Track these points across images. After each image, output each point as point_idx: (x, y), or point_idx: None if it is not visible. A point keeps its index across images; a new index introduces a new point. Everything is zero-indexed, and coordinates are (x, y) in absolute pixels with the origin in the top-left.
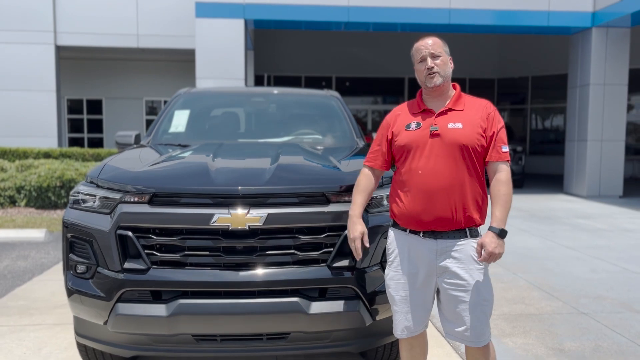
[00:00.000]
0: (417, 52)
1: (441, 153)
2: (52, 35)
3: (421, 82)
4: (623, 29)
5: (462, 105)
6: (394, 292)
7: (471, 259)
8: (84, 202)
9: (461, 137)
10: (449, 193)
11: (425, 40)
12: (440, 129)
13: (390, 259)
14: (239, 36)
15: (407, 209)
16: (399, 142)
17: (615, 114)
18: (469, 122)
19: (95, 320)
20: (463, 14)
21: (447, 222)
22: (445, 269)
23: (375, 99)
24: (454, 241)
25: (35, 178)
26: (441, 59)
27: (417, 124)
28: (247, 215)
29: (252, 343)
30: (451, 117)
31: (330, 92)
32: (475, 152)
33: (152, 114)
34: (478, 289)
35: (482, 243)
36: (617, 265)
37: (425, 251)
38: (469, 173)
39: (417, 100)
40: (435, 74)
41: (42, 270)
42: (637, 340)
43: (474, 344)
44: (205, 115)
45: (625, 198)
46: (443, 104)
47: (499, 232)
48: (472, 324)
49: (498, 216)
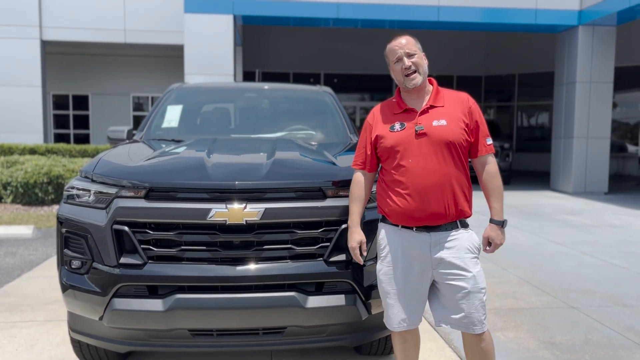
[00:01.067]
0: (392, 52)
1: (429, 151)
2: (37, 29)
3: (400, 83)
4: (609, 27)
5: (442, 101)
6: (388, 286)
7: (465, 249)
8: (79, 197)
9: (447, 133)
10: (440, 189)
11: (398, 40)
12: (426, 127)
13: (383, 254)
14: (228, 32)
15: (399, 207)
16: (384, 144)
17: (601, 111)
18: (452, 117)
19: (90, 315)
20: (452, 11)
21: (440, 217)
22: (441, 260)
23: (363, 96)
24: (447, 233)
25: (21, 174)
26: (417, 56)
27: (401, 124)
28: (244, 210)
29: (248, 338)
30: (434, 114)
31: (323, 88)
32: (460, 147)
33: (139, 110)
34: (474, 277)
35: (488, 237)
36: (605, 260)
37: (419, 244)
38: (456, 167)
39: (396, 100)
40: (414, 74)
41: (31, 267)
42: (626, 334)
43: (473, 330)
44: (198, 111)
45: (611, 194)
46: (422, 100)
47: (502, 224)
48: (469, 311)
49: (497, 208)
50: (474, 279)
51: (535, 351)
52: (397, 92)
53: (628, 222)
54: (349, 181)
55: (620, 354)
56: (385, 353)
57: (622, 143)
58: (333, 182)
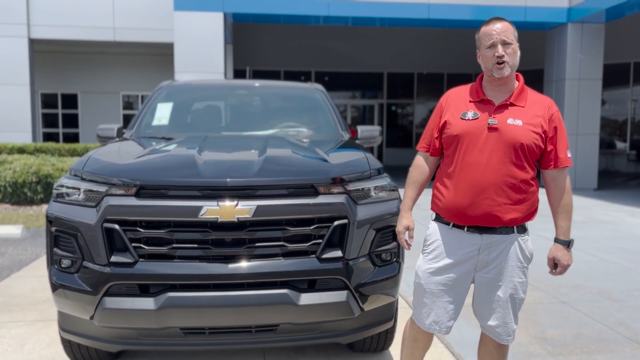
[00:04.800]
0: (487, 36)
1: (496, 148)
2: (25, 28)
3: (486, 70)
4: (598, 24)
5: (523, 101)
6: (428, 284)
7: (514, 256)
8: (68, 195)
9: (520, 135)
10: (499, 190)
11: (495, 24)
12: (499, 123)
13: (428, 251)
14: (218, 29)
15: (453, 202)
16: (451, 131)
17: (590, 108)
18: (530, 120)
19: (81, 315)
20: (442, 8)
21: (494, 219)
22: (486, 264)
23: (354, 94)
24: (500, 236)
25: (10, 173)
26: (512, 47)
27: (474, 113)
28: (236, 208)
29: (241, 335)
30: (511, 112)
31: (314, 85)
32: (531, 151)
33: (129, 109)
34: (516, 288)
35: (554, 258)
36: (595, 256)
37: (468, 246)
38: (522, 172)
39: (476, 87)
40: (504, 64)
41: (21, 267)
42: (617, 328)
43: (506, 340)
44: (188, 108)
45: (600, 191)
46: (504, 95)
47: (569, 244)
48: (505, 321)
49: (564, 227)
50: (515, 289)
51: (527, 346)
52: (479, 79)
53: (617, 218)
54: (340, 178)
55: (610, 348)
56: (379, 349)
57: (610, 140)
58: (325, 178)
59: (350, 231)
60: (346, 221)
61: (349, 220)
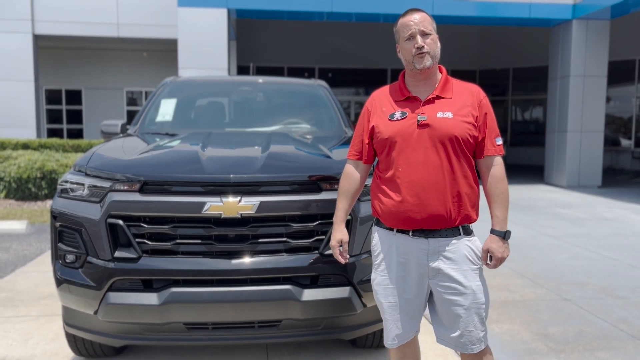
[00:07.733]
0: (405, 28)
1: (430, 145)
2: (29, 23)
3: (407, 62)
4: (603, 21)
5: (450, 92)
6: (383, 298)
7: (466, 259)
8: (73, 190)
9: (452, 127)
10: (441, 188)
11: (412, 16)
12: (429, 118)
13: (377, 262)
14: (222, 26)
15: (394, 206)
16: (382, 134)
17: (595, 105)
18: (459, 110)
19: (85, 309)
20: (447, 4)
21: (440, 220)
22: (438, 271)
23: (358, 90)
24: (447, 240)
25: (14, 169)
26: (431, 37)
27: (402, 113)
28: (239, 203)
29: (244, 331)
30: (439, 105)
31: (318, 82)
32: (466, 143)
33: (132, 105)
34: (474, 292)
35: (488, 249)
36: (597, 253)
37: (416, 251)
38: (460, 166)
39: (399, 86)
40: (425, 54)
41: (25, 262)
42: (619, 325)
43: (471, 350)
44: (192, 104)
45: (604, 188)
46: (429, 89)
47: (504, 235)
48: (467, 329)
49: (500, 217)
50: (473, 294)
51: (529, 343)
52: (402, 76)
53: (621, 215)
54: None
55: (613, 345)
56: (381, 346)
57: (615, 137)
58: (328, 175)
59: (352, 227)
60: (349, 217)
61: (351, 216)
